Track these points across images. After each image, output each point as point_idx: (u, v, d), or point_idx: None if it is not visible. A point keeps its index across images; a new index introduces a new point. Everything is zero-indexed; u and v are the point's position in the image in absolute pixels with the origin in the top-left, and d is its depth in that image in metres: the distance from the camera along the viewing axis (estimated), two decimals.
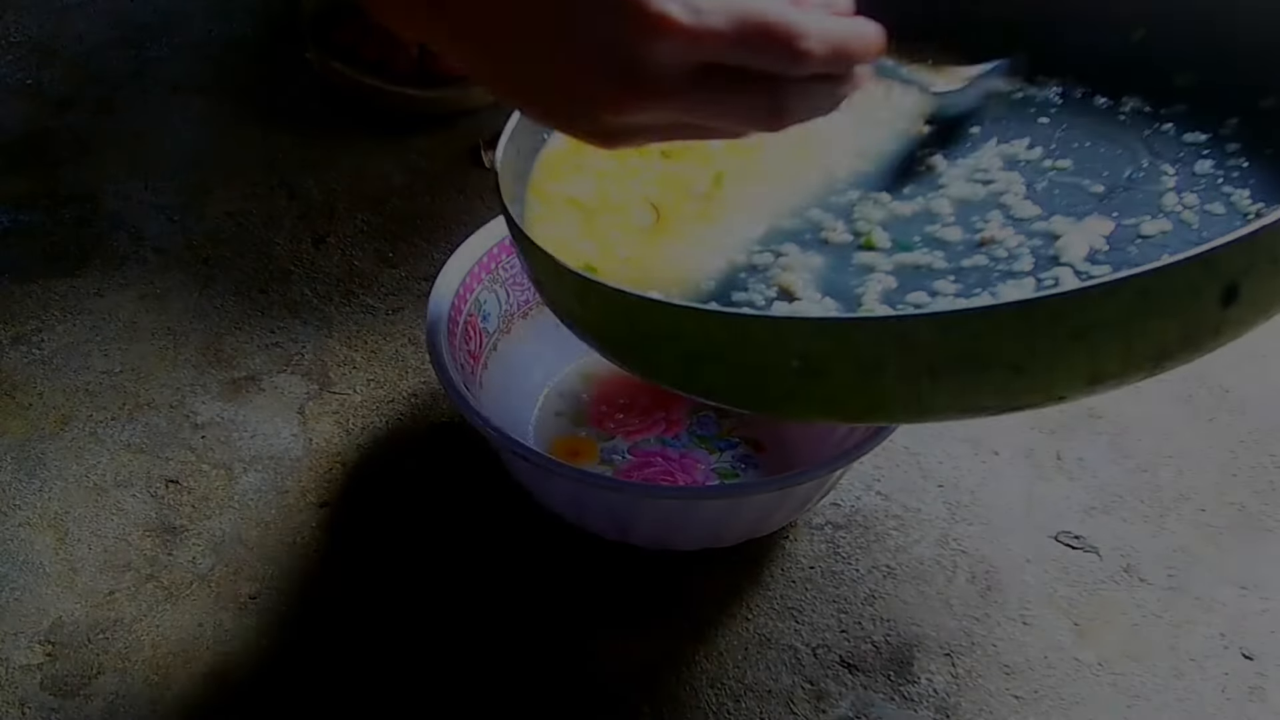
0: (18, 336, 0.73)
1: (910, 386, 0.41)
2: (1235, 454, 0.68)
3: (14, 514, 0.64)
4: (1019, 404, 0.42)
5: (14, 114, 0.90)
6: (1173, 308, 0.39)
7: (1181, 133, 0.53)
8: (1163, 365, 0.42)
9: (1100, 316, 0.39)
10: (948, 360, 0.40)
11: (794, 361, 0.42)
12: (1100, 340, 0.40)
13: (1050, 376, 0.41)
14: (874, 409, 0.44)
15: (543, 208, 0.54)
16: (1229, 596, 0.62)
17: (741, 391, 0.45)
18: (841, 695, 0.57)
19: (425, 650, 0.59)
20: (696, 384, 0.46)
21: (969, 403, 0.42)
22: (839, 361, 0.41)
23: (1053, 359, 0.40)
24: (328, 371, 0.72)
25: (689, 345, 0.44)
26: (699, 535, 0.59)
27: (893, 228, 0.51)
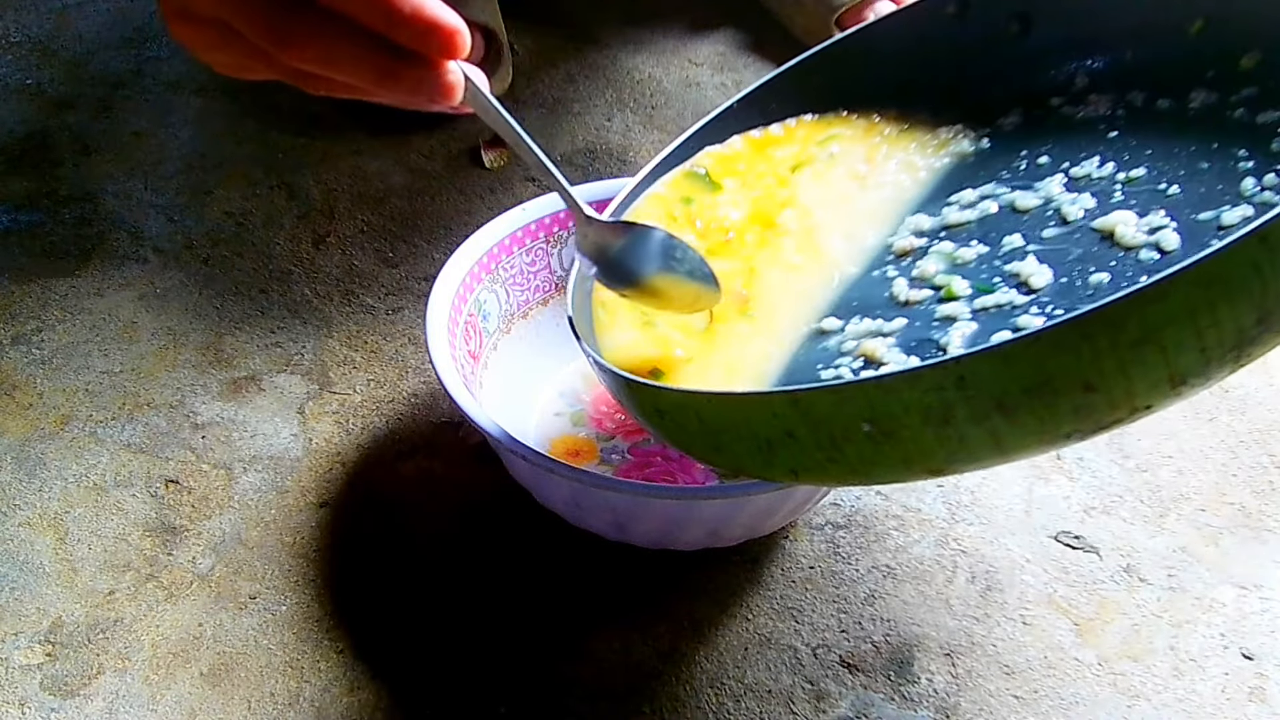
0: (18, 336, 0.73)
1: (985, 428, 0.40)
2: (1235, 454, 0.68)
3: (14, 514, 0.64)
4: (1104, 422, 0.41)
5: (14, 114, 0.90)
6: (1238, 292, 0.38)
7: (1254, 115, 0.52)
8: (1247, 352, 0.40)
9: (1161, 316, 0.38)
10: (1014, 393, 0.39)
11: (864, 426, 0.41)
12: (1169, 341, 0.38)
13: (1128, 388, 0.39)
14: (956, 458, 0.42)
15: (606, 315, 0.55)
16: (1229, 596, 0.62)
17: (824, 468, 0.44)
18: (841, 695, 0.57)
19: (425, 650, 0.59)
20: (780, 469, 0.45)
21: (1050, 433, 0.41)
22: (906, 416, 0.41)
23: (1124, 369, 0.39)
24: (328, 371, 0.72)
25: (760, 430, 0.44)
26: (699, 535, 0.59)
27: (966, 273, 0.51)
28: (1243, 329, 0.38)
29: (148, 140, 0.87)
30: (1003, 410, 0.40)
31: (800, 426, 0.43)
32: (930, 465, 0.43)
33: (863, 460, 0.43)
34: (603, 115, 0.91)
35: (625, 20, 1.00)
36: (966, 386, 0.39)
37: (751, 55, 0.98)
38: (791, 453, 0.44)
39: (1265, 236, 0.36)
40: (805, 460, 0.44)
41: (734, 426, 0.45)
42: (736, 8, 1.02)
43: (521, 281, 0.67)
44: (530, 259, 0.67)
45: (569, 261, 0.68)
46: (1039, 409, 0.39)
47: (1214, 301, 0.38)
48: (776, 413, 0.43)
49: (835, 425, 0.42)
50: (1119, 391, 0.39)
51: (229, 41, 0.44)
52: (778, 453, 0.44)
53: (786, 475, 0.46)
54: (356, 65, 0.43)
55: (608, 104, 0.92)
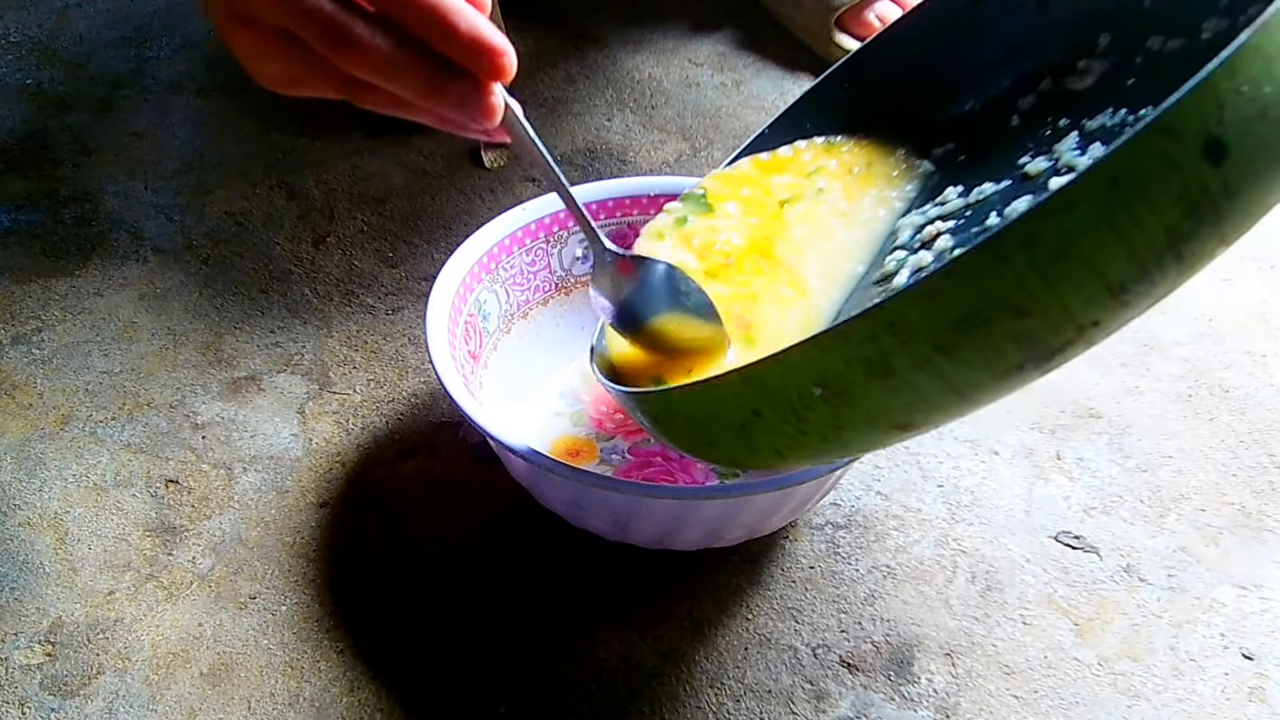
0: (18, 336, 0.73)
1: (930, 372, 0.40)
2: (1235, 454, 0.68)
3: (14, 514, 0.64)
4: (1054, 346, 0.40)
5: (14, 114, 0.90)
6: (1154, 187, 0.37)
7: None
8: (1189, 250, 0.38)
9: (1075, 225, 0.37)
10: (946, 330, 0.39)
11: (816, 390, 0.42)
12: (1091, 249, 0.37)
13: (1063, 305, 0.38)
14: (916, 409, 0.42)
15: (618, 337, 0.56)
16: (1229, 596, 0.62)
17: (800, 442, 0.45)
18: (841, 695, 0.57)
19: (425, 650, 0.59)
20: (764, 451, 0.46)
21: (1000, 365, 0.40)
22: (850, 372, 0.41)
23: (1052, 287, 0.38)
24: (328, 371, 0.72)
25: (731, 414, 0.45)
26: (699, 535, 0.59)
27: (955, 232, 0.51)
28: (1170, 226, 0.37)
29: (148, 140, 0.87)
30: (942, 350, 0.39)
31: (762, 402, 0.43)
32: (895, 420, 0.43)
33: (829, 426, 0.43)
34: (603, 115, 0.91)
35: (625, 20, 1.00)
36: (898, 331, 0.39)
37: (751, 55, 0.98)
38: (766, 432, 0.44)
39: (1167, 127, 0.36)
40: (780, 437, 0.45)
41: (710, 416, 0.46)
42: (736, 8, 1.02)
43: (521, 281, 0.67)
44: (530, 259, 0.67)
45: (569, 261, 0.68)
46: (977, 342, 0.39)
47: (1128, 201, 0.37)
48: (737, 392, 0.44)
49: (790, 394, 0.42)
50: (1055, 311, 0.38)
51: (287, 49, 0.45)
52: (754, 435, 0.45)
53: (773, 458, 0.46)
54: (410, 76, 0.44)
55: (608, 104, 0.92)
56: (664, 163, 0.87)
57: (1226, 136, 0.36)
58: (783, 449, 0.46)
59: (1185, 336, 0.75)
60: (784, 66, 0.97)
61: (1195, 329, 0.76)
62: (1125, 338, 0.75)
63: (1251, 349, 0.75)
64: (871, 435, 0.44)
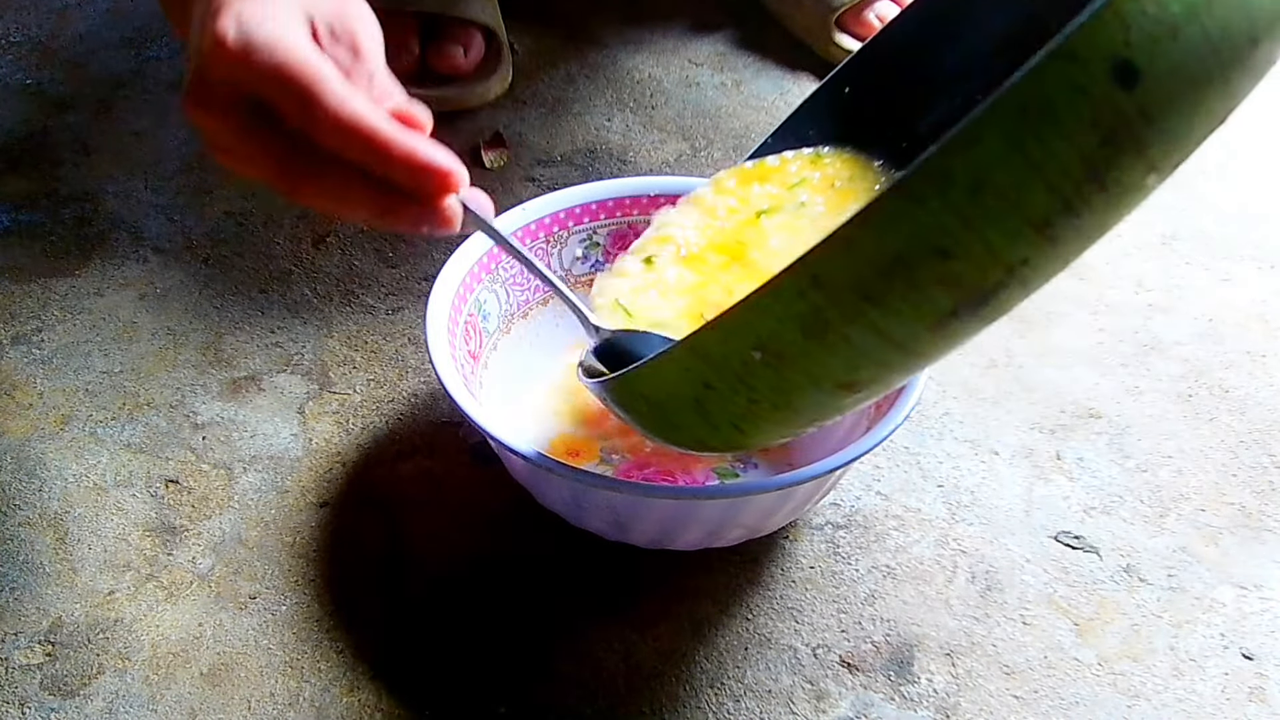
0: (18, 336, 0.73)
1: (864, 325, 0.39)
2: (1235, 454, 0.68)
3: (14, 514, 0.64)
4: (985, 288, 0.38)
5: (14, 114, 0.90)
6: (1064, 115, 0.36)
7: None
8: (1112, 179, 0.37)
9: (984, 159, 0.36)
10: (871, 279, 0.38)
11: (755, 354, 0.41)
12: (1006, 182, 0.36)
13: (986, 244, 0.37)
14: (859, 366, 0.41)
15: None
16: (1229, 596, 0.62)
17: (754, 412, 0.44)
18: (841, 695, 0.57)
19: (425, 650, 0.59)
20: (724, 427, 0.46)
21: (933, 313, 0.39)
22: (786, 331, 0.40)
23: (970, 225, 0.37)
24: (328, 371, 0.72)
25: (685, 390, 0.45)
26: (699, 535, 0.59)
27: None
28: (1087, 154, 0.36)
29: (148, 140, 0.87)
30: (870, 300, 0.39)
31: (709, 372, 0.43)
32: (839, 380, 0.42)
33: (776, 391, 0.43)
34: (603, 115, 0.91)
35: (625, 20, 1.00)
36: (823, 284, 0.39)
37: (751, 55, 0.98)
38: (720, 405, 0.44)
39: (1071, 52, 0.35)
40: (733, 409, 0.44)
41: (667, 394, 0.46)
42: (736, 8, 1.02)
43: (521, 281, 0.67)
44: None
45: (569, 261, 0.68)
46: (904, 289, 0.38)
47: (1038, 130, 0.36)
48: (686, 365, 0.44)
49: (733, 361, 0.42)
50: (978, 250, 0.37)
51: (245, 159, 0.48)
52: (710, 410, 0.45)
53: (734, 434, 0.46)
54: (360, 206, 0.46)
55: (608, 104, 0.92)
56: (664, 163, 0.87)
57: (1136, 59, 0.35)
58: (739, 422, 0.45)
59: (1185, 336, 0.75)
60: (784, 66, 0.97)
61: (1195, 329, 0.76)
62: (1125, 338, 0.75)
63: (1251, 349, 0.75)
64: (821, 398, 0.43)
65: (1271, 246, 0.82)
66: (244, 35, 0.45)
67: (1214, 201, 0.85)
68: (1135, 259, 0.81)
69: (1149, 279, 0.79)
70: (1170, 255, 0.81)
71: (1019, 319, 0.76)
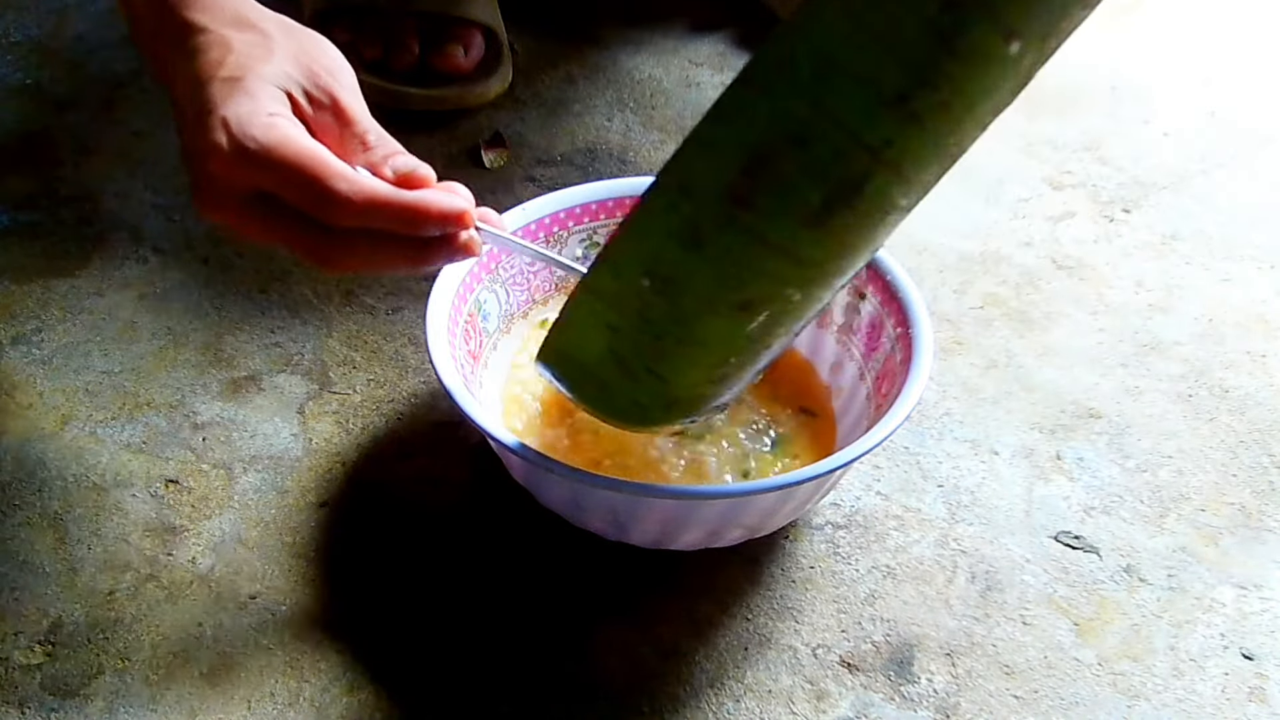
0: (18, 336, 0.73)
1: (739, 229, 0.38)
2: (1235, 454, 0.68)
3: (14, 514, 0.64)
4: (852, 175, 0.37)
5: (14, 114, 0.90)
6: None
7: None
8: (964, 46, 0.35)
9: (825, 35, 0.35)
10: (737, 178, 0.37)
11: (645, 281, 0.41)
12: (850, 57, 0.35)
13: (842, 126, 0.36)
14: (746, 281, 0.40)
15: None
16: (1229, 596, 0.62)
17: (662, 350, 0.43)
18: (841, 695, 0.57)
19: (425, 650, 0.59)
20: (641, 375, 0.45)
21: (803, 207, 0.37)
22: (666, 250, 0.40)
23: (821, 106, 0.36)
24: (328, 371, 0.72)
25: (594, 339, 0.44)
26: (699, 535, 0.59)
27: None
28: (930, 20, 0.35)
29: (148, 140, 0.87)
30: (738, 202, 0.38)
31: (610, 313, 0.43)
32: (733, 299, 0.41)
33: (675, 321, 0.42)
34: (603, 115, 0.91)
35: (625, 20, 1.00)
36: (691, 192, 0.38)
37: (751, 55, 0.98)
38: (630, 349, 0.44)
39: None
40: (642, 348, 0.44)
41: (586, 348, 0.45)
42: (737, 8, 1.02)
43: (521, 281, 0.67)
44: (530, 259, 0.67)
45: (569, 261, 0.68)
46: (769, 185, 0.37)
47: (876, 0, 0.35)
48: (589, 310, 0.43)
49: (627, 295, 0.41)
50: (835, 134, 0.36)
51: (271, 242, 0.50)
52: (624, 356, 0.44)
53: (653, 381, 0.45)
54: (392, 262, 0.49)
55: (608, 104, 0.92)
56: (664, 163, 0.87)
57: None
58: (653, 365, 0.44)
59: (1185, 336, 0.75)
60: None
61: (1195, 329, 0.76)
62: (1125, 338, 0.75)
63: (1251, 349, 0.75)
64: (721, 325, 0.42)
65: (1271, 246, 0.82)
66: (237, 142, 0.46)
67: (1214, 201, 0.85)
68: (1135, 259, 0.81)
69: (1149, 279, 0.79)
70: (1170, 255, 0.81)
71: (1019, 319, 0.76)
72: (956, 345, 0.74)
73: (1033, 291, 0.78)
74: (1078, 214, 0.84)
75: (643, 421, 0.51)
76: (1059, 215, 0.84)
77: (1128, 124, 0.92)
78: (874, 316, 0.64)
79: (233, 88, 0.48)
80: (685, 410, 0.50)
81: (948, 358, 0.73)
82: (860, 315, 0.65)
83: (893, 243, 0.79)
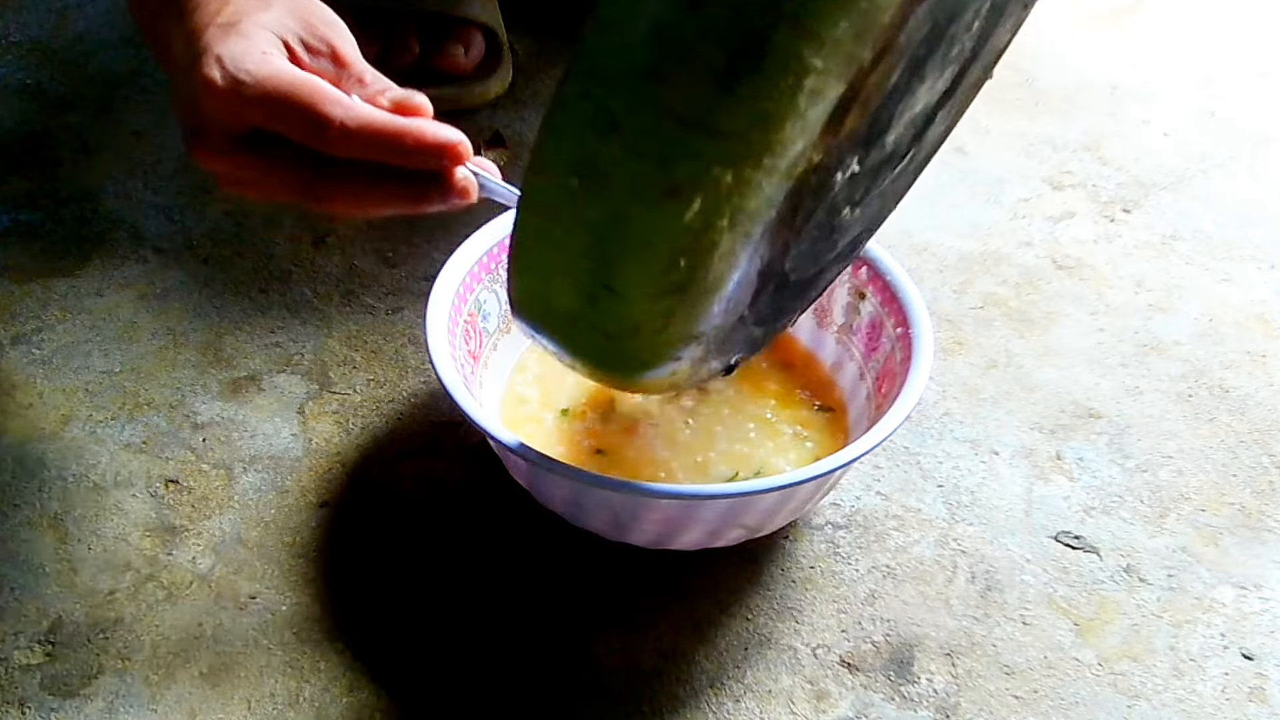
0: (18, 336, 0.73)
1: (651, 108, 0.38)
2: (1235, 454, 0.68)
3: (14, 514, 0.64)
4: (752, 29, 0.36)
5: (14, 114, 0.90)
6: None
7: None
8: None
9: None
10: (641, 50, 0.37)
11: (574, 181, 0.40)
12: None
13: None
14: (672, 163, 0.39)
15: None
16: (1229, 596, 0.62)
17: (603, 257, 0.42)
18: (841, 695, 0.57)
19: (425, 650, 0.59)
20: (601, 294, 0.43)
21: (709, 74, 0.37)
22: (586, 143, 0.39)
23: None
24: (328, 371, 0.72)
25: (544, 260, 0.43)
26: (699, 536, 0.59)
27: None
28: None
29: (148, 140, 0.87)
30: (648, 77, 0.37)
31: (550, 225, 0.42)
32: (661, 185, 0.39)
33: (611, 218, 0.41)
34: None
35: None
36: (600, 74, 0.38)
37: None
38: (579, 263, 0.43)
39: None
40: (590, 259, 0.42)
41: (541, 275, 0.44)
42: None
43: None
44: None
45: None
46: (671, 54, 0.37)
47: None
48: (532, 228, 0.43)
49: (562, 203, 0.41)
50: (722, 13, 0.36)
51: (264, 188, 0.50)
52: (576, 275, 0.43)
53: (611, 300, 0.44)
54: (387, 200, 0.49)
55: None
56: None
57: None
58: (606, 279, 0.43)
59: (1185, 336, 0.75)
60: None
61: (1195, 329, 0.76)
62: (1125, 338, 0.75)
63: (1251, 349, 0.75)
64: (657, 216, 0.40)
65: (1271, 246, 0.82)
66: (231, 76, 0.46)
67: (1214, 201, 0.85)
68: (1135, 259, 0.81)
69: (1149, 279, 0.79)
70: (1170, 255, 0.81)
71: (1019, 319, 0.76)
72: (956, 345, 0.74)
73: (1033, 291, 0.78)
74: (1078, 214, 0.84)
75: (624, 367, 0.49)
76: (1059, 215, 0.84)
77: (1128, 124, 0.92)
78: (874, 316, 0.64)
79: (228, 31, 0.48)
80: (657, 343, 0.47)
81: (948, 358, 0.73)
82: (860, 315, 0.65)
83: (893, 243, 0.80)
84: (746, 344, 0.54)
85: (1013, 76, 0.96)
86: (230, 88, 0.46)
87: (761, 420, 0.64)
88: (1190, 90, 0.96)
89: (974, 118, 0.92)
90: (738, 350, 0.54)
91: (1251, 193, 0.86)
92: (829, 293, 0.66)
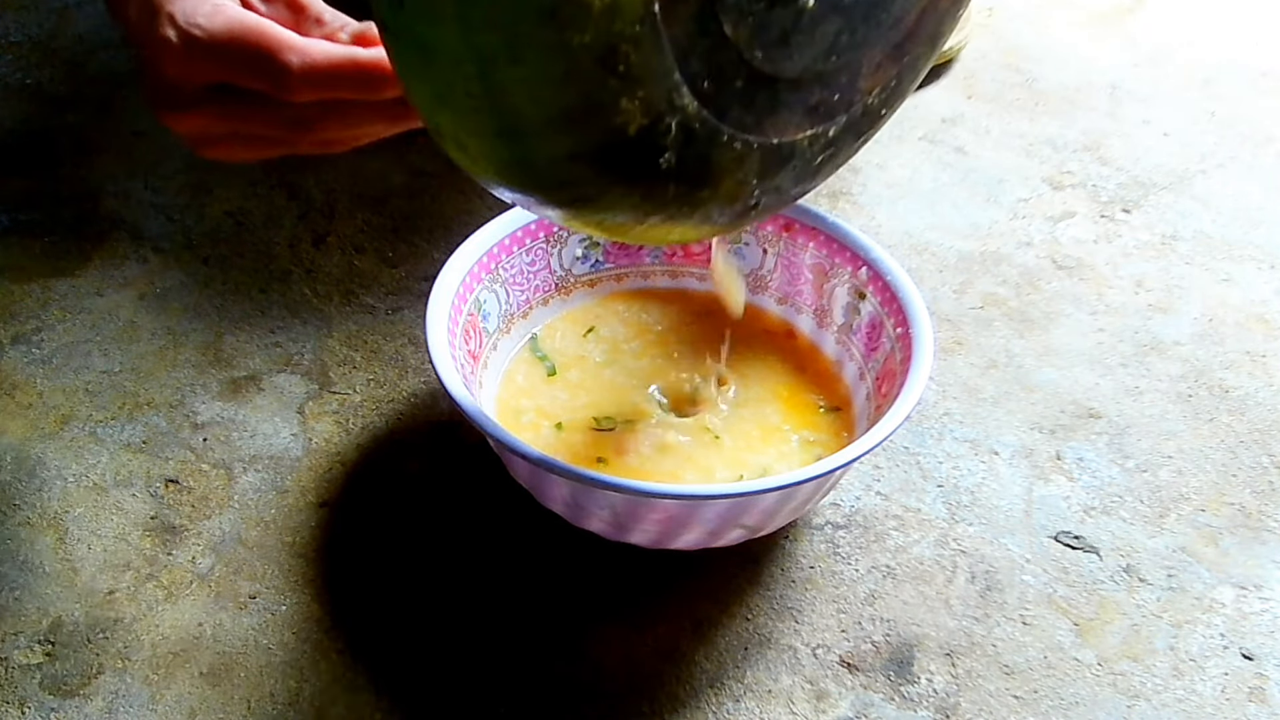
0: (18, 336, 0.73)
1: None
2: (1235, 454, 0.68)
3: (14, 514, 0.64)
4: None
5: (14, 114, 0.90)
6: None
7: None
8: None
9: None
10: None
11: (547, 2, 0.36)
12: None
13: None
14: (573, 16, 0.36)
15: None
16: (1229, 596, 0.62)
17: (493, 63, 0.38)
18: (841, 695, 0.57)
19: (425, 650, 0.59)
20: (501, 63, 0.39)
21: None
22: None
23: None
24: (328, 371, 0.72)
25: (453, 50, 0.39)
26: (699, 536, 0.59)
27: None
28: None
29: (148, 140, 0.87)
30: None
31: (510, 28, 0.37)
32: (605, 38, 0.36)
33: (578, 27, 0.37)
34: None
35: None
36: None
37: None
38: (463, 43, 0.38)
39: None
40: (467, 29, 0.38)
41: (436, 70, 0.40)
42: None
43: (521, 281, 0.67)
44: (530, 259, 0.67)
45: (569, 261, 0.68)
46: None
47: None
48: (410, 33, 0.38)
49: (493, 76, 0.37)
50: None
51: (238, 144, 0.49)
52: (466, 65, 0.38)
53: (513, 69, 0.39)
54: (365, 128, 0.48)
55: None
56: None
57: None
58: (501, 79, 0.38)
59: (1185, 336, 0.75)
60: None
61: (1195, 329, 0.76)
62: (1125, 338, 0.75)
63: (1251, 349, 0.75)
64: (538, 31, 0.36)
65: (1271, 246, 0.82)
66: (184, 32, 0.46)
67: (1214, 201, 0.85)
68: (1135, 259, 0.81)
69: (1149, 279, 0.79)
70: (1170, 255, 0.81)
71: (1019, 319, 0.76)
72: (956, 345, 0.74)
73: (1033, 291, 0.78)
74: (1078, 214, 0.84)
75: (537, 186, 0.43)
76: (1059, 215, 0.84)
77: (1128, 124, 0.92)
78: (874, 316, 0.64)
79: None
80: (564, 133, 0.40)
81: (948, 358, 0.73)
82: (860, 315, 0.65)
83: (893, 242, 0.80)
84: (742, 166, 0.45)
85: (1013, 76, 0.97)
86: (185, 45, 0.46)
87: (768, 427, 0.64)
88: (1190, 90, 0.96)
89: (974, 118, 0.92)
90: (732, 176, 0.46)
91: (1251, 193, 0.86)
92: (829, 293, 0.66)
